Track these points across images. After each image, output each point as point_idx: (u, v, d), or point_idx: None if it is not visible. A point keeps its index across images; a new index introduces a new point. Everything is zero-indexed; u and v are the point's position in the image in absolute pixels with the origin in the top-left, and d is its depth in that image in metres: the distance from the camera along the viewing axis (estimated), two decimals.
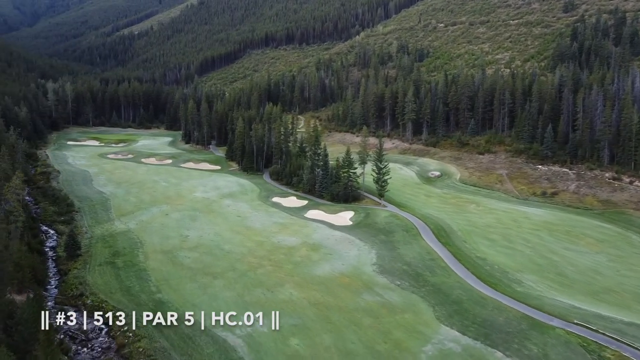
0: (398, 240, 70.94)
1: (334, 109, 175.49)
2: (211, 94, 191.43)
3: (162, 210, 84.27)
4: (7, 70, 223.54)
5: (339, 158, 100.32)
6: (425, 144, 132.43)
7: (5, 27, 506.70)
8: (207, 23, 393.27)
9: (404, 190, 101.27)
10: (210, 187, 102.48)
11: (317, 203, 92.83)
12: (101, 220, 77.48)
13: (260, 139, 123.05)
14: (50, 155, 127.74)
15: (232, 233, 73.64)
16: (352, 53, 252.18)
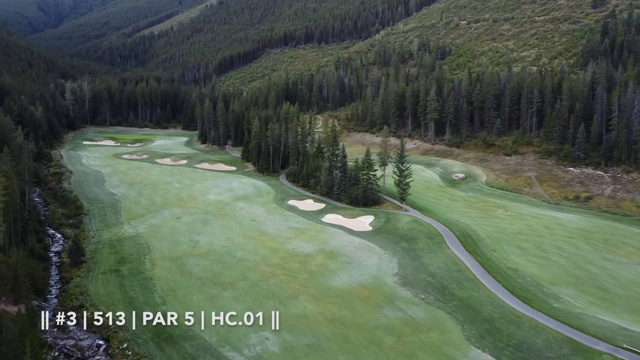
0: (421, 248, 66.13)
1: (353, 109, 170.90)
2: (228, 94, 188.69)
3: (173, 213, 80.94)
4: (27, 70, 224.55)
5: (358, 159, 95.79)
6: (448, 144, 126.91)
7: (30, 29, 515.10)
8: (226, 23, 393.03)
9: (427, 193, 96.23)
10: (224, 189, 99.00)
11: (334, 206, 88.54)
12: (110, 224, 74.45)
13: (276, 139, 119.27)
14: (65, 155, 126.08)
15: (245, 239, 69.81)
16: (372, 51, 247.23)
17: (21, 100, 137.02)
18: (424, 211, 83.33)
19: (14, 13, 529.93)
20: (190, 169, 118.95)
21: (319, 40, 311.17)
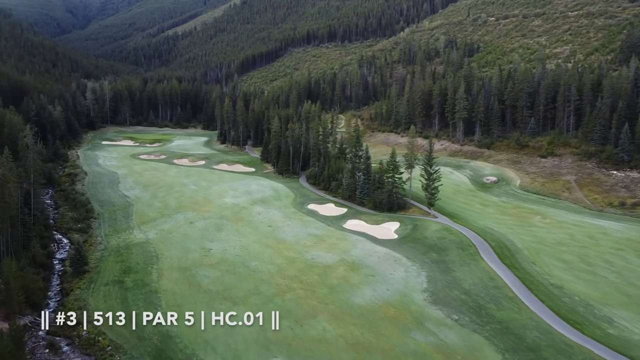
0: (453, 260, 60.13)
1: (377, 108, 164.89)
2: (249, 93, 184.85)
3: (186, 217, 76.72)
4: (50, 70, 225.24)
5: (383, 161, 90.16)
6: (478, 145, 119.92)
7: (59, 30, 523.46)
8: (249, 22, 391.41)
9: (456, 198, 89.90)
10: (242, 191, 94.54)
11: (357, 211, 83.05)
12: (119, 229, 70.58)
13: (297, 139, 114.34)
14: (82, 155, 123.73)
15: (260, 246, 64.96)
16: (397, 49, 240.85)
17: (40, 99, 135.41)
18: (454, 218, 77.12)
19: (43, 15, 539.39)
20: (208, 170, 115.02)
21: (342, 39, 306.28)
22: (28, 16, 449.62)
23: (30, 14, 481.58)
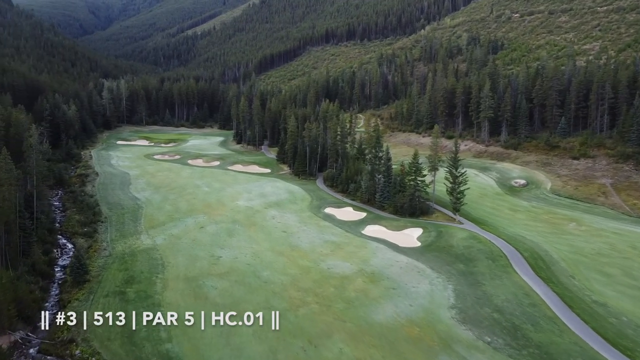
0: (482, 272, 55.03)
1: (397, 107, 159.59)
2: (266, 92, 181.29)
3: (197, 221, 73.04)
4: (69, 69, 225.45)
5: (404, 162, 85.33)
6: (504, 146, 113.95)
7: (81, 31, 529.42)
8: (268, 21, 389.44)
9: (483, 202, 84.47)
10: (256, 193, 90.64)
11: (377, 216, 78.34)
12: (127, 233, 67.22)
13: (314, 139, 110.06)
14: (95, 155, 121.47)
15: (273, 254, 60.81)
16: (417, 47, 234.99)
17: (55, 99, 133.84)
18: (481, 224, 71.82)
19: (66, 16, 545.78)
20: (222, 171, 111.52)
21: (361, 37, 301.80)
22: (51, 17, 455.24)
23: (53, 15, 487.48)
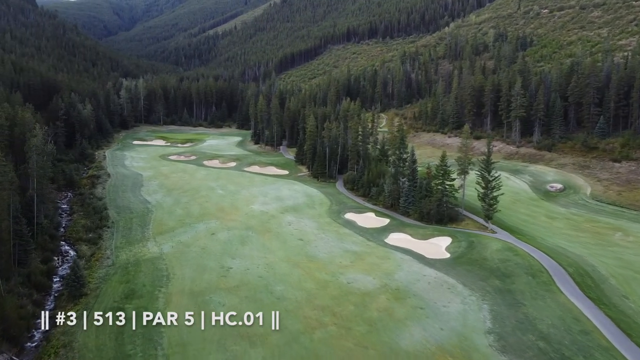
0: (521, 290, 48.91)
1: (421, 106, 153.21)
2: (285, 90, 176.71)
3: (208, 227, 68.49)
4: (90, 69, 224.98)
5: (430, 165, 79.42)
6: (537, 147, 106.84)
7: (105, 32, 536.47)
8: (289, 20, 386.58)
9: (516, 208, 77.94)
10: (272, 197, 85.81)
11: (401, 223, 72.62)
12: (133, 240, 63.02)
13: (334, 139, 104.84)
14: (109, 155, 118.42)
15: (288, 265, 55.73)
16: (441, 45, 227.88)
17: (71, 98, 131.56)
18: (516, 233, 65.49)
19: (91, 17, 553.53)
20: (238, 172, 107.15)
21: (383, 35, 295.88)
22: (77, 18, 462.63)
23: (79, 16, 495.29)
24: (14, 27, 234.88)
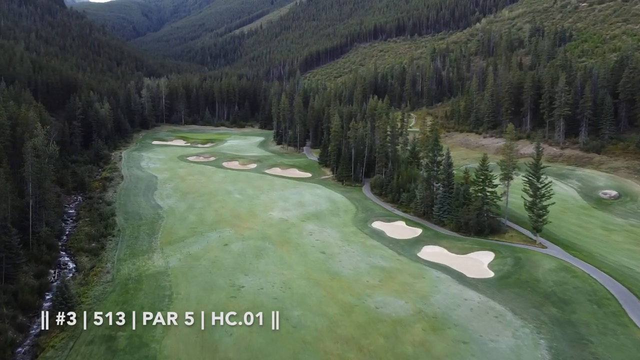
0: (585, 321, 40.82)
1: (453, 104, 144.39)
2: (309, 89, 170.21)
3: (222, 237, 62.28)
4: (114, 68, 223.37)
5: (467, 168, 71.50)
6: (584, 148, 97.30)
7: (134, 33, 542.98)
8: (314, 19, 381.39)
9: (566, 218, 69.21)
10: (293, 202, 79.23)
11: (435, 234, 64.97)
12: (138, 251, 57.23)
13: (360, 140, 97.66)
14: (125, 156, 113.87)
15: (308, 284, 48.89)
16: (473, 41, 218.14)
17: (90, 97, 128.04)
18: (570, 249, 57.02)
19: (120, 18, 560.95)
20: (258, 174, 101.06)
21: (411, 32, 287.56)
22: (106, 19, 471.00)
23: (108, 18, 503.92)
24: (40, 26, 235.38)
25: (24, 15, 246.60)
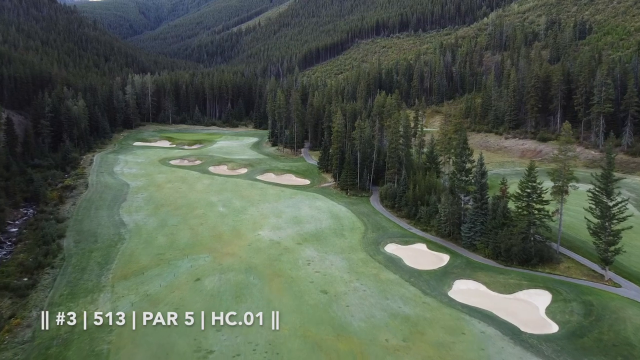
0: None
1: (467, 102, 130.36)
2: (309, 85, 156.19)
3: (194, 267, 48.37)
4: (100, 64, 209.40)
5: (505, 180, 57.39)
6: (629, 152, 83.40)
7: (131, 31, 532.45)
8: (314, 15, 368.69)
9: (632, 242, 54.96)
10: (288, 218, 65.28)
11: (467, 263, 50.95)
12: (80, 290, 43.26)
13: (366, 141, 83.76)
14: (98, 160, 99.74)
15: (304, 347, 34.95)
16: (482, 35, 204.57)
17: (63, 93, 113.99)
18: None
19: (117, 17, 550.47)
20: (249, 182, 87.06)
21: (415, 28, 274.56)
22: (103, 18, 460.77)
23: (105, 16, 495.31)
24: (22, 20, 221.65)
25: (7, 8, 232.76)
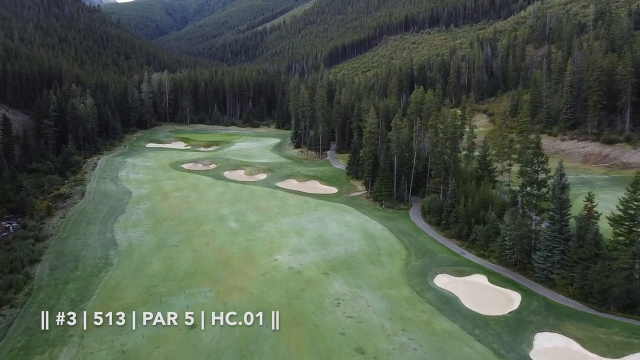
0: None
1: (513, 99, 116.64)
2: (335, 81, 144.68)
3: (191, 307, 37.43)
4: (121, 62, 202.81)
5: (592, 195, 44.82)
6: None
7: (157, 32, 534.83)
8: (340, 12, 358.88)
9: None
10: (312, 237, 53.95)
11: (547, 305, 38.62)
12: (37, 343, 32.68)
13: (404, 144, 71.71)
14: (102, 164, 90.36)
15: None
16: (521, 28, 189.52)
17: (71, 90, 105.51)
18: None
19: (144, 17, 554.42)
20: (267, 189, 76.10)
21: (446, 23, 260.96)
22: (130, 19, 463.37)
23: (132, 17, 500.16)
24: (42, 18, 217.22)
25: (27, 6, 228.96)
